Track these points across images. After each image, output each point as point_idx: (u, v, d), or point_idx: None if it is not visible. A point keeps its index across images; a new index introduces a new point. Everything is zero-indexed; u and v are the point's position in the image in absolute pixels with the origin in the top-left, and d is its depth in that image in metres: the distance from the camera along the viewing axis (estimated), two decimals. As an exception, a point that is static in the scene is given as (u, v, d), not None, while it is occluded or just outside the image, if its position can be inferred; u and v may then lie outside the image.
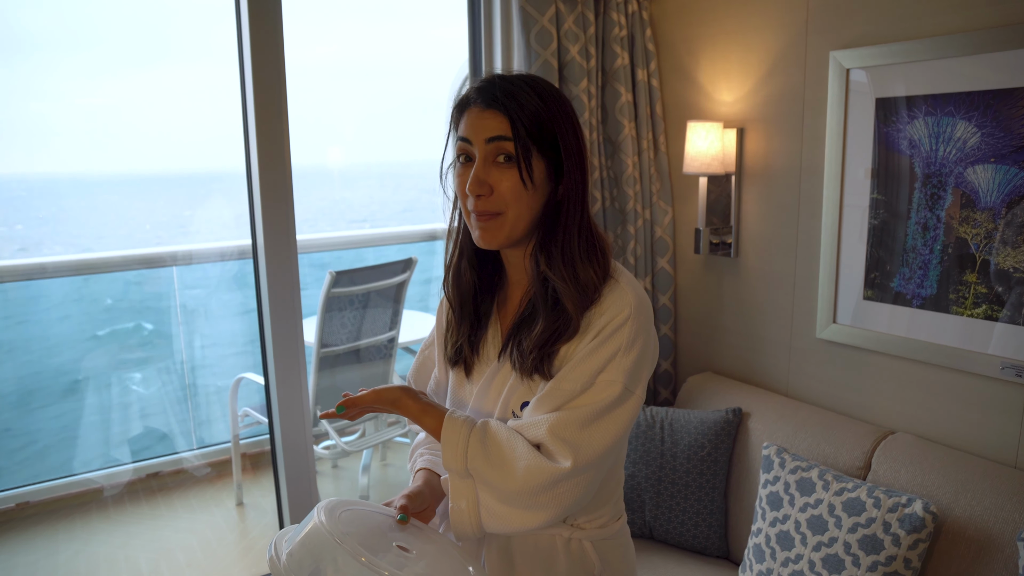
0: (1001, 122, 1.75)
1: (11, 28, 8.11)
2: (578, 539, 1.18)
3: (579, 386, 1.06)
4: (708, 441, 2.20)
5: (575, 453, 1.03)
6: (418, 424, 1.12)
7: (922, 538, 1.68)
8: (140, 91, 12.12)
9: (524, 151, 1.06)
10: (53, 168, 11.84)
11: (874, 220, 2.06)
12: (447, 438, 1.08)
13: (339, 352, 3.14)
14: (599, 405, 1.06)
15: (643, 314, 1.10)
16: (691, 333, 2.70)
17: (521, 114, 1.06)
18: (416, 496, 1.17)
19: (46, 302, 4.85)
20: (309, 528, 0.99)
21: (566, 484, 1.04)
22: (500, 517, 1.06)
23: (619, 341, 1.07)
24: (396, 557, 1.01)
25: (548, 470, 1.03)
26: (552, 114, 1.08)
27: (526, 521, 1.06)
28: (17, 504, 3.33)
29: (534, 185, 1.08)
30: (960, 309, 1.89)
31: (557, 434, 1.04)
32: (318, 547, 0.96)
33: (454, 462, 1.07)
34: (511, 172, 1.07)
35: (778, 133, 2.30)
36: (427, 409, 1.12)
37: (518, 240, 1.12)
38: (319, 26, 15.15)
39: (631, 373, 1.07)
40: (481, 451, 1.06)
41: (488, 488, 1.06)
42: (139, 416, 4.14)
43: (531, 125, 1.06)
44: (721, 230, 2.49)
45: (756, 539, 1.97)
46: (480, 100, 1.08)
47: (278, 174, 2.10)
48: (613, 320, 1.07)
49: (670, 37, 2.58)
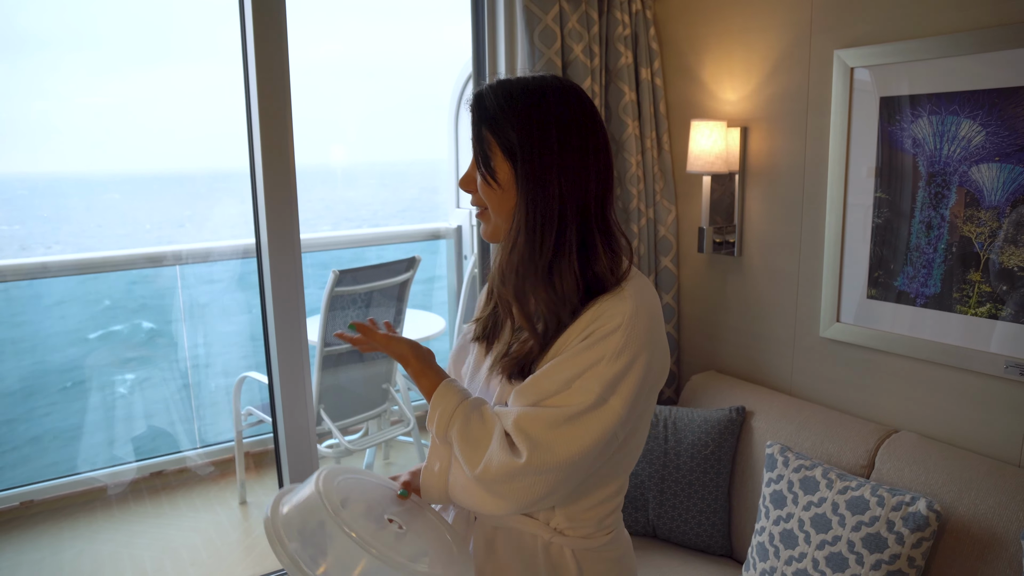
0: (1006, 121, 1.75)
1: (15, 27, 8.12)
2: (558, 544, 1.16)
3: (556, 386, 1.05)
4: (712, 440, 2.20)
5: (533, 449, 1.02)
6: (415, 381, 1.17)
7: (926, 536, 1.68)
8: (143, 90, 12.14)
9: (480, 152, 1.09)
10: (56, 167, 11.86)
11: (878, 219, 2.06)
12: (436, 403, 1.12)
13: (342, 351, 3.14)
14: (569, 410, 1.03)
15: (641, 326, 1.05)
16: (695, 332, 2.70)
17: (480, 116, 1.09)
18: (419, 474, 1.19)
19: (48, 301, 4.86)
20: (307, 495, 1.03)
21: (522, 479, 1.03)
22: (464, 491, 1.10)
23: (603, 350, 1.03)
24: (385, 531, 1.04)
25: (505, 462, 1.04)
26: (516, 115, 1.06)
27: (485, 504, 1.08)
28: (22, 503, 3.34)
29: (499, 185, 1.09)
30: (964, 308, 1.89)
31: (521, 427, 1.04)
32: (311, 513, 1.00)
33: (438, 426, 1.11)
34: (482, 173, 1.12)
35: (782, 132, 2.30)
36: (426, 371, 1.16)
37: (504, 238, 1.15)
38: (323, 25, 15.15)
39: (610, 384, 1.03)
40: (463, 426, 1.09)
41: (457, 462, 1.10)
42: (143, 415, 4.15)
43: (489, 126, 1.08)
44: (725, 229, 2.49)
45: (760, 538, 1.97)
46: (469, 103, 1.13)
47: (282, 173, 2.10)
48: (603, 327, 1.04)
49: (674, 36, 2.58)
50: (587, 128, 1.08)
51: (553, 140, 1.05)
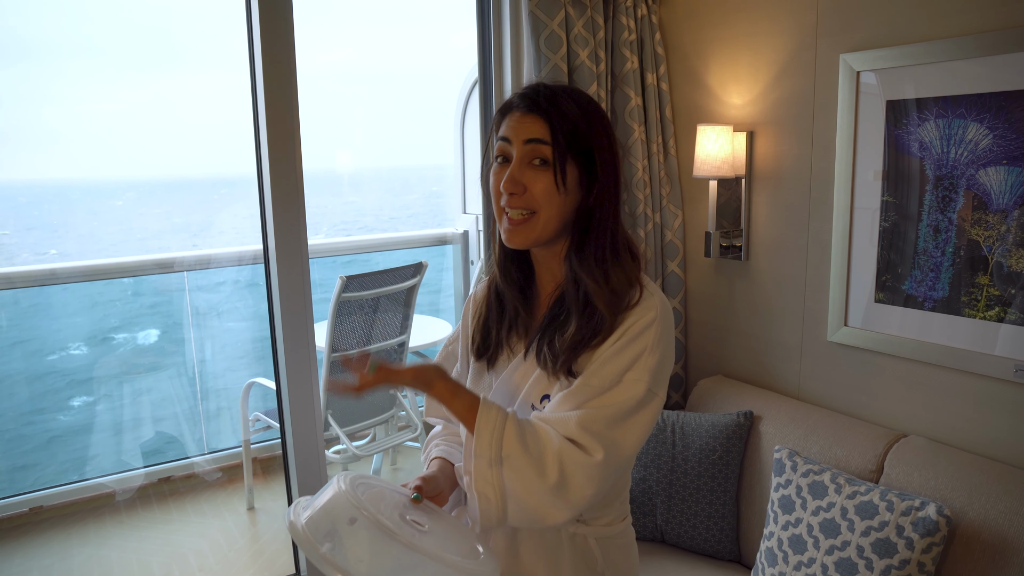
0: (1013, 124, 1.74)
1: (25, 35, 8.19)
2: (583, 535, 1.21)
3: (607, 383, 1.09)
4: (719, 445, 2.20)
5: (608, 447, 1.06)
6: (447, 407, 1.11)
7: (936, 542, 1.67)
8: (151, 97, 12.21)
9: (560, 155, 1.10)
10: (64, 174, 11.93)
11: (885, 223, 2.05)
12: (482, 423, 1.08)
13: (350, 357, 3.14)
14: (627, 404, 1.08)
15: (666, 320, 1.14)
16: (702, 336, 2.69)
17: (561, 120, 1.10)
18: (431, 480, 1.21)
19: (57, 307, 4.89)
20: (331, 494, 1.02)
21: (600, 477, 1.06)
22: (530, 509, 1.07)
23: (645, 342, 1.10)
24: (410, 528, 1.04)
25: (582, 461, 1.05)
26: (590, 124, 1.12)
27: (555, 514, 1.07)
28: (31, 508, 3.35)
29: (566, 189, 1.12)
30: (972, 311, 1.89)
31: (588, 428, 1.06)
32: (338, 511, 1.00)
33: (488, 448, 1.07)
34: (545, 175, 1.11)
35: (788, 136, 2.29)
36: (458, 392, 1.12)
37: (546, 242, 1.16)
38: (330, 31, 15.18)
39: (655, 374, 1.11)
40: (517, 437, 1.07)
41: (519, 477, 1.06)
42: (151, 421, 4.16)
43: (569, 132, 1.10)
44: (731, 233, 2.49)
45: (768, 543, 1.97)
46: (522, 105, 1.13)
47: (289, 179, 2.11)
48: (639, 322, 1.11)
49: (679, 41, 2.58)
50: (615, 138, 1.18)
51: (615, 148, 1.16)
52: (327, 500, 1.02)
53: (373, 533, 0.97)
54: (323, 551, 0.96)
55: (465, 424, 1.10)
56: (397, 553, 0.96)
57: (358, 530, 0.98)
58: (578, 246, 1.14)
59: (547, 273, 1.23)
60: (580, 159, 1.12)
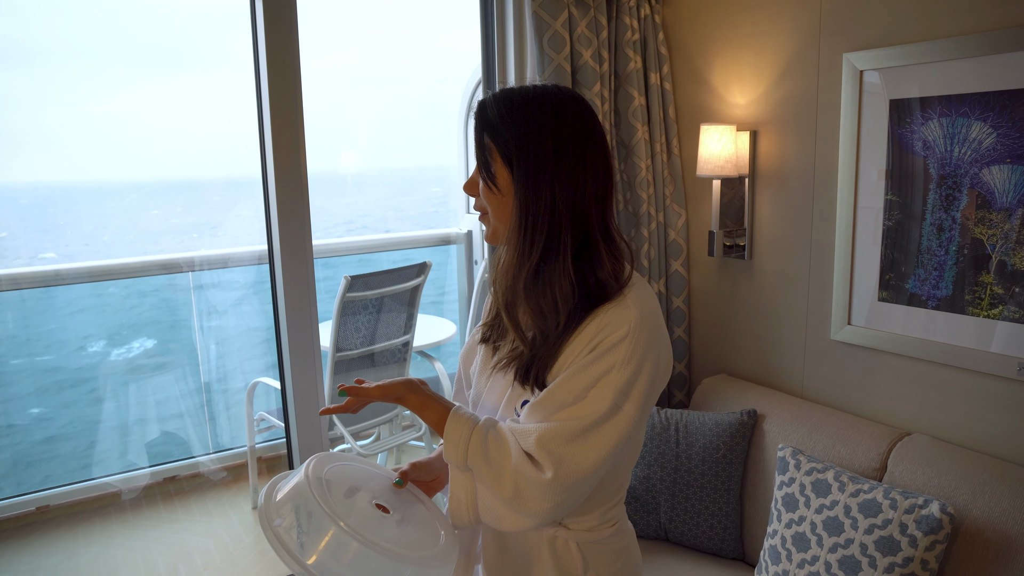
0: (1017, 122, 1.75)
1: (29, 38, 8.21)
2: (563, 538, 1.21)
3: (571, 398, 1.08)
4: (723, 443, 2.20)
5: (557, 466, 1.05)
6: (420, 418, 1.16)
7: (939, 539, 1.67)
8: (156, 99, 12.23)
9: (480, 157, 1.14)
10: (69, 176, 11.96)
11: (888, 222, 2.06)
12: (450, 433, 1.11)
13: (354, 356, 3.15)
14: (587, 420, 1.06)
15: (646, 332, 1.09)
16: (705, 335, 2.70)
17: (482, 123, 1.14)
18: (422, 466, 1.26)
19: (62, 309, 4.90)
20: (296, 481, 1.07)
21: (551, 495, 1.06)
22: (493, 513, 1.11)
23: (614, 358, 1.07)
24: (368, 514, 1.08)
25: (533, 479, 1.06)
26: (514, 122, 1.10)
27: (515, 522, 1.10)
28: (37, 508, 3.37)
29: (499, 190, 1.13)
30: (976, 310, 1.89)
31: (544, 446, 1.06)
32: (301, 500, 1.04)
33: (455, 456, 1.11)
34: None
35: (791, 135, 2.30)
36: (428, 404, 1.15)
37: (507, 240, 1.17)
38: (334, 34, 15.22)
39: (622, 391, 1.07)
40: (481, 450, 1.10)
41: (483, 485, 1.10)
42: (156, 420, 4.18)
43: (490, 132, 1.12)
44: (735, 232, 2.49)
45: (772, 541, 1.97)
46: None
47: (294, 180, 2.12)
48: (610, 336, 1.07)
49: (683, 40, 2.59)
50: (584, 137, 1.11)
51: (548, 147, 1.08)
52: (292, 485, 1.07)
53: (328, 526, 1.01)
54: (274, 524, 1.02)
55: (438, 433, 1.14)
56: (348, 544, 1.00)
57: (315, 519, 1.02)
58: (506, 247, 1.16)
59: None
60: (508, 161, 1.11)
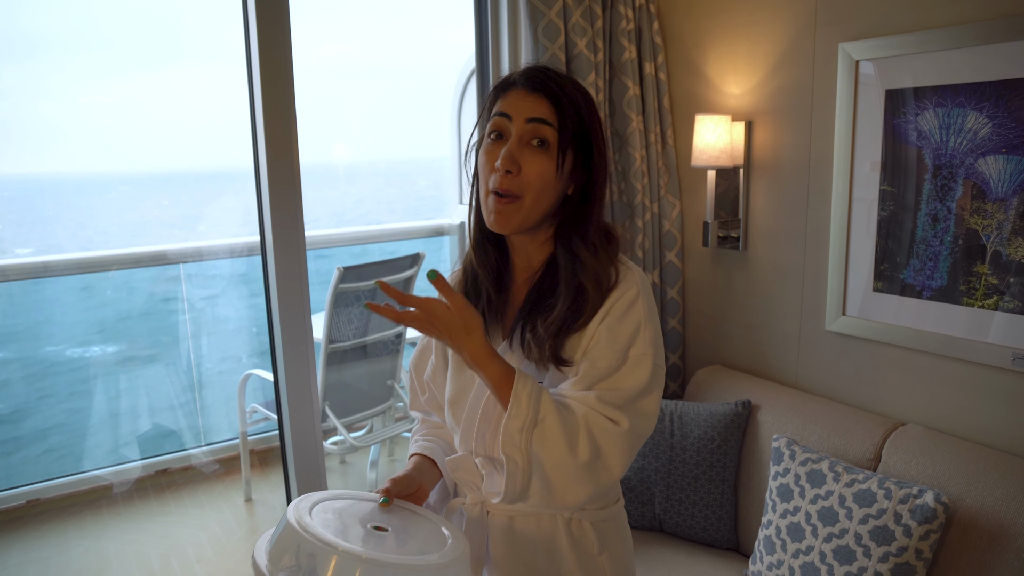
0: (1013, 112, 1.74)
1: (18, 28, 8.14)
2: (578, 519, 1.21)
3: (614, 362, 1.08)
4: (718, 434, 2.20)
5: (631, 416, 1.06)
6: (480, 367, 1.05)
7: (933, 529, 1.67)
8: (148, 91, 12.17)
9: (564, 140, 1.09)
10: (59, 167, 11.89)
11: (883, 212, 2.05)
12: (520, 386, 1.03)
13: (347, 348, 3.14)
14: (641, 381, 1.08)
15: (649, 292, 1.15)
16: (699, 326, 2.70)
17: (568, 104, 1.09)
18: (402, 480, 1.21)
19: (51, 301, 4.87)
20: (282, 528, 1.01)
21: (627, 445, 1.06)
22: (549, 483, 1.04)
23: (637, 316, 1.11)
24: (366, 536, 1.04)
25: (612, 429, 1.05)
26: (590, 112, 1.13)
27: (571, 492, 1.05)
28: (28, 501, 3.35)
29: (562, 174, 1.10)
30: (971, 300, 1.89)
31: (609, 401, 1.06)
32: (290, 545, 0.98)
33: (525, 409, 1.02)
34: (542, 157, 1.09)
35: (787, 126, 2.29)
36: (495, 354, 1.06)
37: (530, 227, 1.14)
38: (327, 25, 15.15)
39: (655, 344, 1.11)
40: (554, 405, 1.04)
41: (548, 446, 1.03)
42: (148, 413, 4.16)
43: (573, 116, 1.09)
44: (729, 223, 2.49)
45: (766, 531, 1.97)
46: (527, 83, 1.10)
47: (286, 171, 2.10)
48: (623, 298, 1.11)
49: (677, 30, 2.57)
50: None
51: (607, 142, 1.23)
52: (280, 534, 1.01)
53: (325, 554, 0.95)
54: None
55: (497, 389, 1.05)
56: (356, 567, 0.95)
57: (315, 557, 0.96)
58: (570, 228, 1.14)
59: (523, 259, 1.21)
60: (577, 146, 1.11)
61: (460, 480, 1.25)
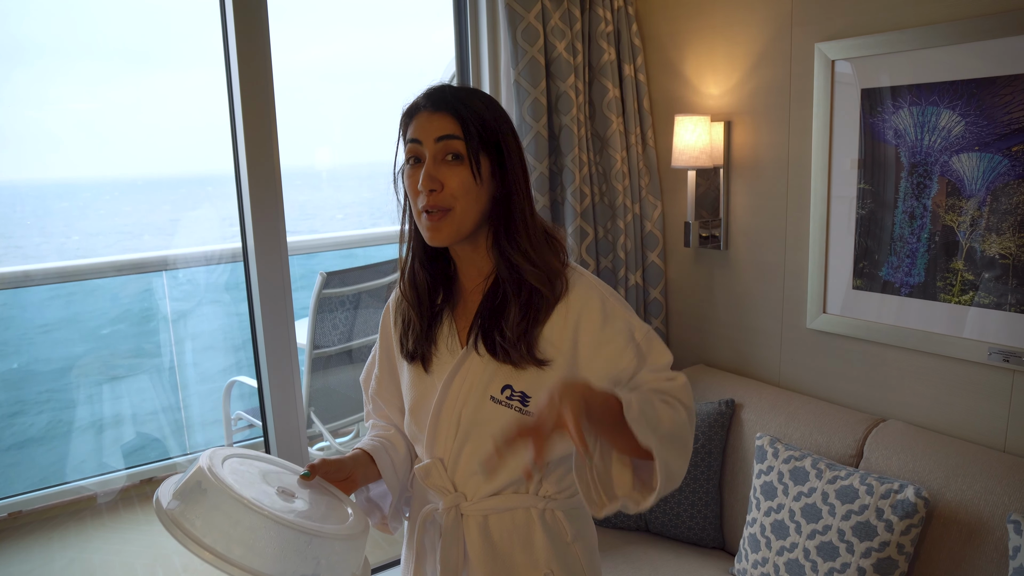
0: (984, 111, 1.77)
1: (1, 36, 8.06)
2: (551, 509, 1.24)
3: (633, 354, 1.16)
4: (701, 433, 2.21)
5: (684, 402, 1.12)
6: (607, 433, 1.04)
7: (914, 523, 1.69)
8: (128, 97, 12.08)
9: (473, 147, 1.13)
10: (39, 174, 11.78)
11: (862, 210, 2.07)
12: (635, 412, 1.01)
13: (331, 353, 3.13)
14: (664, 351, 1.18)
15: (608, 289, 1.21)
16: (682, 326, 2.71)
17: (469, 115, 1.13)
18: (334, 463, 1.23)
19: (33, 310, 4.82)
20: (193, 471, 1.04)
21: (691, 392, 1.15)
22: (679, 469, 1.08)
23: (615, 311, 1.17)
24: (272, 497, 1.05)
25: (680, 383, 1.14)
26: (495, 117, 1.17)
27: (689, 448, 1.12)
28: (10, 514, 3.31)
29: (482, 180, 1.14)
30: (948, 296, 1.91)
31: (657, 370, 1.15)
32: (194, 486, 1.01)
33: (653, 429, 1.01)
34: (459, 169, 1.13)
35: (765, 125, 2.31)
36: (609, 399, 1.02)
37: (466, 235, 1.18)
38: (307, 29, 15.08)
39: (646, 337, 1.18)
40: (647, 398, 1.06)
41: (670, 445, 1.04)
42: (132, 422, 4.12)
43: (478, 125, 1.13)
44: (710, 223, 2.50)
45: (751, 529, 1.99)
46: (429, 104, 1.15)
47: (267, 176, 2.10)
48: (588, 306, 1.17)
49: (656, 32, 2.59)
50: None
51: (518, 138, 1.21)
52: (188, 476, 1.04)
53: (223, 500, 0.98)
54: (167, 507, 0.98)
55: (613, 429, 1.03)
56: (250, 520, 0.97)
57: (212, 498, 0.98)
58: (504, 232, 1.18)
59: (471, 267, 1.24)
60: (490, 150, 1.15)
61: (432, 487, 1.26)
